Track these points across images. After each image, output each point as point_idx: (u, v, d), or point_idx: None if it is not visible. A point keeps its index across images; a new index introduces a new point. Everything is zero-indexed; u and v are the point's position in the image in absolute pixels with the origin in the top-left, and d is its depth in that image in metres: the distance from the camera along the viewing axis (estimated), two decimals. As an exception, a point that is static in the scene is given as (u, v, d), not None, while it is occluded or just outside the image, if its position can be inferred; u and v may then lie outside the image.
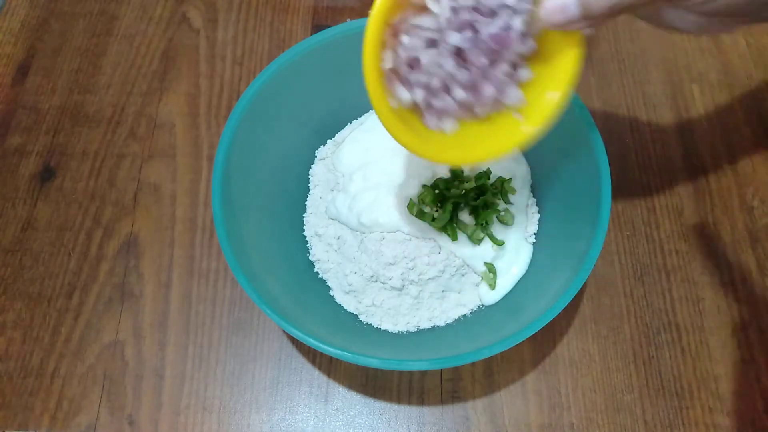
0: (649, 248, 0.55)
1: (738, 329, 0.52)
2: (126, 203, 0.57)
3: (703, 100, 0.62)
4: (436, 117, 0.38)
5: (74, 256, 0.54)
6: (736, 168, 0.59)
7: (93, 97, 0.62)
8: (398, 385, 0.50)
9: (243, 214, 0.46)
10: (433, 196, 0.48)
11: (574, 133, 0.47)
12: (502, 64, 0.37)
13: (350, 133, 0.54)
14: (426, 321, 0.49)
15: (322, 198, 0.53)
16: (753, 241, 0.55)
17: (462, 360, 0.40)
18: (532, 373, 0.50)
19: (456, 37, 0.35)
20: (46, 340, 0.51)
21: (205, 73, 0.64)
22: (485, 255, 0.48)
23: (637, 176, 0.58)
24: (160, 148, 0.59)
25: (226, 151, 0.46)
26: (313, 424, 0.48)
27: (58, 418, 0.48)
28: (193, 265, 0.54)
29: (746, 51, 0.65)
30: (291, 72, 0.50)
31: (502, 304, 0.49)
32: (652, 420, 0.48)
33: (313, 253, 0.51)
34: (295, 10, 0.68)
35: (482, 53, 0.36)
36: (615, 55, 0.65)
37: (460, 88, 0.37)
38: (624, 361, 0.50)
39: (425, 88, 0.37)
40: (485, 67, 0.36)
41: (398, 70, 0.36)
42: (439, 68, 0.36)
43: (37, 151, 0.59)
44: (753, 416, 0.48)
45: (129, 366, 0.50)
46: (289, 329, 0.41)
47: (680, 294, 0.53)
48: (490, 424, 0.48)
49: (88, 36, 0.66)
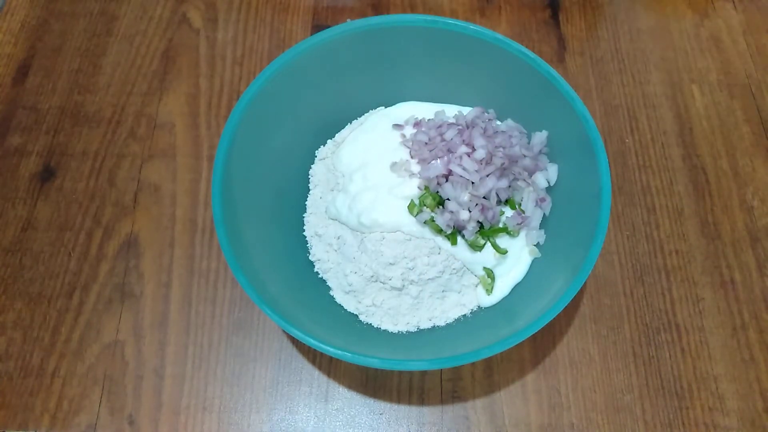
0: (649, 248, 0.55)
1: (738, 329, 0.52)
2: (126, 203, 0.57)
3: (703, 100, 0.62)
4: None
5: (74, 256, 0.54)
6: (736, 168, 0.59)
7: (93, 97, 0.62)
8: (398, 385, 0.50)
9: (243, 214, 0.46)
10: (433, 197, 0.48)
11: (574, 133, 0.47)
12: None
13: (350, 133, 0.54)
14: (426, 321, 0.49)
15: (322, 198, 0.53)
16: (753, 241, 0.55)
17: (462, 360, 0.40)
18: (532, 373, 0.50)
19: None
20: (46, 340, 0.51)
21: (205, 73, 0.64)
22: (485, 260, 0.48)
23: (637, 176, 0.58)
24: (160, 148, 0.59)
25: (226, 151, 0.46)
26: (313, 424, 0.48)
27: (59, 418, 0.48)
28: (193, 265, 0.54)
29: (746, 51, 0.65)
30: (291, 72, 0.50)
31: (502, 304, 0.49)
32: (652, 420, 0.48)
33: (313, 253, 0.51)
34: (295, 10, 0.68)
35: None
36: (615, 55, 0.65)
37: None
38: (624, 361, 0.50)
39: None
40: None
41: None
42: None
43: (37, 151, 0.59)
44: (753, 416, 0.48)
45: (129, 366, 0.50)
46: (289, 329, 0.41)
47: (680, 294, 0.53)
48: (490, 424, 0.48)
49: (88, 36, 0.66)
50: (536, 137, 0.51)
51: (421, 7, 0.69)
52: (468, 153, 0.48)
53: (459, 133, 0.50)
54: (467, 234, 0.47)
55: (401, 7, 0.68)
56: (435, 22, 0.50)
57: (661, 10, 0.68)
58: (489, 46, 0.50)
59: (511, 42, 0.49)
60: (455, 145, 0.49)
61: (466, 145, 0.49)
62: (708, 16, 0.67)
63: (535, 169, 0.50)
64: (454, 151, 0.48)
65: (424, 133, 0.50)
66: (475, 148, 0.48)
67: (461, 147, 0.48)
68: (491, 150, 0.48)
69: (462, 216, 0.46)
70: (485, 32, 0.50)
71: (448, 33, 0.51)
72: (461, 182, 0.47)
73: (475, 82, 0.53)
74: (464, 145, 0.49)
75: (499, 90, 0.53)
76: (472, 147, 0.48)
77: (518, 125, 0.52)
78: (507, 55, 0.50)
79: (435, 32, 0.51)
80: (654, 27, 0.67)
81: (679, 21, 0.67)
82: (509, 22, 0.67)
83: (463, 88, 0.54)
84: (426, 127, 0.51)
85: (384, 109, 0.56)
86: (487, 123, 0.51)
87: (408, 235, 0.47)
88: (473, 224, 0.47)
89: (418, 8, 0.68)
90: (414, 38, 0.52)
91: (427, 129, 0.51)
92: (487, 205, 0.47)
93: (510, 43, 0.49)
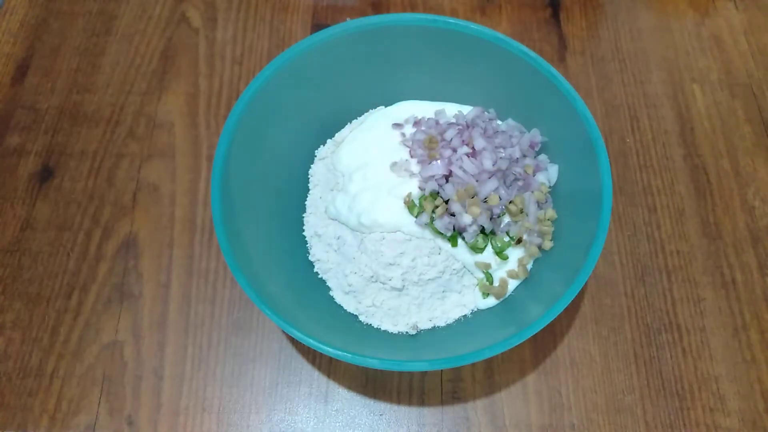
0: (650, 248, 0.55)
1: (739, 329, 0.51)
2: (125, 203, 0.57)
3: (704, 99, 0.62)
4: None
5: (73, 256, 0.54)
6: (737, 168, 0.58)
7: (92, 96, 0.62)
8: (398, 385, 0.49)
9: (242, 214, 0.46)
10: (433, 196, 0.47)
11: (575, 133, 0.47)
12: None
13: (350, 132, 0.54)
14: (426, 321, 0.49)
15: (322, 198, 0.52)
16: (754, 241, 0.55)
17: (462, 360, 0.40)
18: (533, 373, 0.50)
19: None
20: (45, 340, 0.51)
21: (204, 73, 0.63)
22: (486, 263, 0.48)
23: (638, 176, 0.58)
24: (159, 148, 0.59)
25: (225, 151, 0.46)
26: (313, 425, 0.48)
27: (57, 418, 0.48)
28: (193, 265, 0.54)
29: (747, 50, 0.65)
30: (291, 71, 0.49)
31: (503, 304, 0.48)
32: (653, 421, 0.48)
33: (312, 253, 0.51)
34: (295, 9, 0.68)
35: None
36: (616, 55, 0.64)
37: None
38: (625, 361, 0.50)
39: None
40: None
41: None
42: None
43: (36, 150, 0.59)
44: (754, 417, 0.48)
45: (128, 366, 0.50)
46: (289, 330, 0.40)
47: (681, 294, 0.53)
48: (491, 424, 0.48)
49: (87, 35, 0.66)
50: (526, 135, 0.51)
51: (422, 6, 0.68)
52: (468, 153, 0.48)
53: (459, 133, 0.50)
54: (468, 237, 0.47)
55: (401, 6, 0.68)
56: (435, 21, 0.50)
57: (662, 10, 0.68)
58: (489, 45, 0.50)
59: (511, 41, 0.49)
60: (455, 146, 0.49)
61: (466, 145, 0.48)
62: (709, 16, 0.67)
63: (536, 169, 0.50)
64: (455, 151, 0.48)
65: (423, 132, 0.50)
66: (475, 148, 0.48)
67: (462, 147, 0.48)
68: (491, 151, 0.48)
69: (465, 220, 0.46)
70: (486, 31, 0.50)
71: (448, 32, 0.50)
72: (462, 184, 0.47)
73: (476, 82, 0.53)
74: (464, 146, 0.48)
75: (500, 89, 0.52)
76: (473, 147, 0.48)
77: (519, 125, 0.52)
78: (507, 55, 0.50)
79: (435, 31, 0.51)
80: (655, 26, 0.67)
81: (681, 20, 0.67)
82: (510, 21, 0.67)
83: (464, 87, 0.54)
84: (426, 126, 0.51)
85: (384, 109, 0.55)
86: (487, 123, 0.51)
87: (408, 235, 0.47)
88: (474, 227, 0.47)
89: (418, 7, 0.68)
90: (414, 37, 0.51)
91: (427, 128, 0.51)
92: (493, 212, 0.47)
93: (510, 43, 0.49)
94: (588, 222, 0.44)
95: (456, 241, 0.47)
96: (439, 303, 0.49)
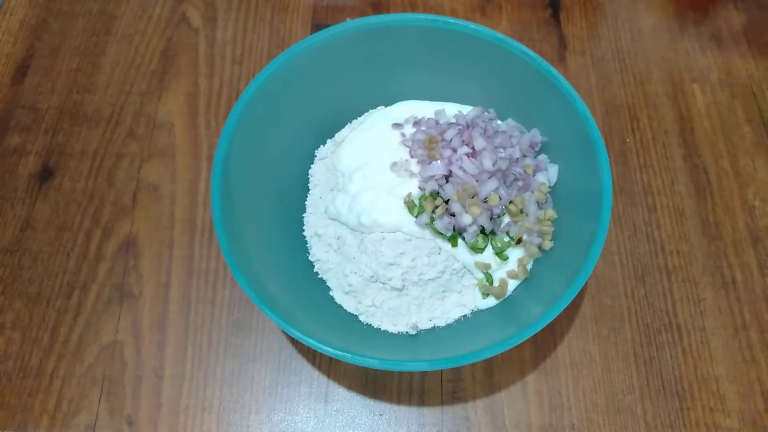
0: (650, 248, 0.55)
1: (739, 329, 0.51)
2: (125, 203, 0.57)
3: (704, 99, 0.62)
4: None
5: (73, 256, 0.54)
6: (737, 168, 0.58)
7: (92, 96, 0.62)
8: (398, 385, 0.49)
9: (242, 214, 0.46)
10: (433, 196, 0.47)
11: (575, 133, 0.47)
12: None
13: (350, 132, 0.54)
14: (426, 321, 0.49)
15: (322, 198, 0.52)
16: (754, 241, 0.55)
17: (462, 361, 0.40)
18: (533, 373, 0.50)
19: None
20: (45, 340, 0.51)
21: (204, 73, 0.63)
22: (486, 263, 0.48)
23: (638, 176, 0.58)
24: (159, 148, 0.59)
25: (225, 151, 0.45)
26: (313, 425, 0.48)
27: (57, 418, 0.48)
28: (192, 265, 0.54)
29: (747, 50, 0.65)
30: (291, 71, 0.49)
31: (502, 305, 0.48)
32: (653, 421, 0.48)
33: (312, 253, 0.51)
34: (295, 9, 0.68)
35: None
36: (616, 55, 0.64)
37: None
38: (625, 361, 0.50)
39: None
40: None
41: None
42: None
43: (36, 150, 0.59)
44: (754, 417, 0.48)
45: (128, 366, 0.50)
46: (289, 330, 0.40)
47: (681, 294, 0.53)
48: (491, 424, 0.48)
49: (87, 35, 0.66)
50: (526, 135, 0.51)
51: (422, 6, 0.68)
52: (468, 153, 0.48)
53: (459, 133, 0.49)
54: (468, 237, 0.47)
55: (401, 6, 0.68)
56: (435, 21, 0.50)
57: (662, 10, 0.68)
58: (489, 45, 0.50)
59: (511, 41, 0.49)
60: (455, 146, 0.49)
61: (466, 145, 0.48)
62: (709, 16, 0.67)
63: (536, 169, 0.50)
64: (455, 151, 0.48)
65: (423, 132, 0.50)
66: (475, 148, 0.48)
67: (462, 147, 0.48)
68: (491, 151, 0.48)
69: (465, 220, 0.46)
70: (486, 31, 0.50)
71: (448, 32, 0.50)
72: (462, 184, 0.47)
73: (476, 82, 0.53)
74: (465, 146, 0.48)
75: (500, 89, 0.52)
76: (473, 147, 0.48)
77: (519, 125, 0.52)
78: (508, 55, 0.50)
79: (435, 31, 0.51)
80: (655, 26, 0.67)
81: (681, 20, 0.67)
82: (510, 21, 0.67)
83: (464, 87, 0.54)
84: (426, 126, 0.51)
85: (384, 109, 0.55)
86: (487, 123, 0.51)
87: (408, 235, 0.47)
88: (474, 227, 0.47)
89: (418, 7, 0.68)
90: (414, 37, 0.51)
91: (427, 128, 0.51)
92: (493, 212, 0.47)
93: (511, 43, 0.49)
94: (588, 222, 0.44)
95: (456, 241, 0.47)
96: (439, 303, 0.49)
